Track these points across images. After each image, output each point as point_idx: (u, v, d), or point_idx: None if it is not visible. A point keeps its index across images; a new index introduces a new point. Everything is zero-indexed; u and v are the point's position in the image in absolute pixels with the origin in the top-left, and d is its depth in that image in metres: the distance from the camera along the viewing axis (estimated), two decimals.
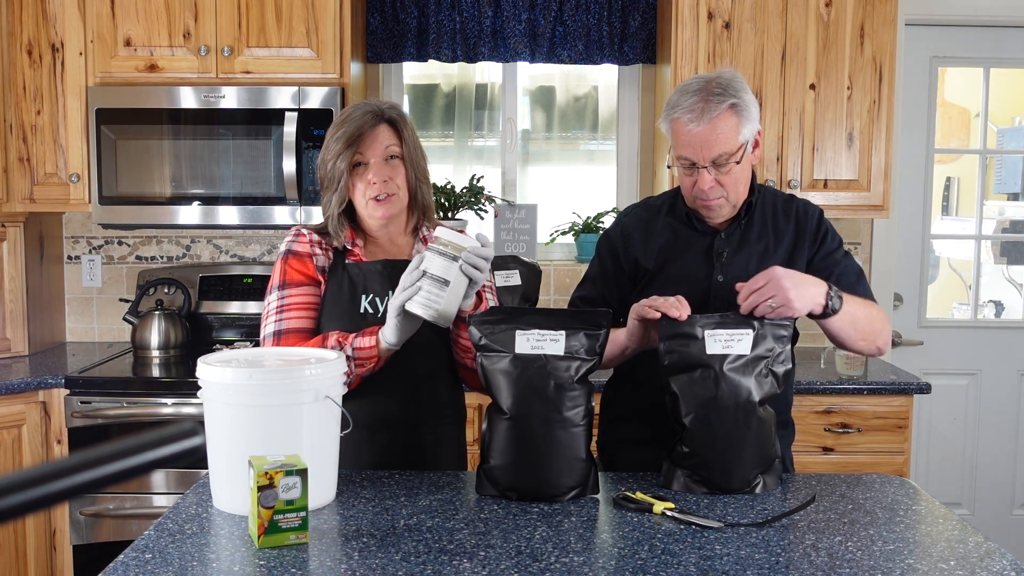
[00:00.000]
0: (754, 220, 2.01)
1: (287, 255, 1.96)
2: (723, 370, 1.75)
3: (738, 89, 1.88)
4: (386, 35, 3.61)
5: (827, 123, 3.26)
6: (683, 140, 1.88)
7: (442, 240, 1.77)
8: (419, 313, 1.76)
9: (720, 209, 1.95)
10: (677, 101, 1.89)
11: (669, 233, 2.03)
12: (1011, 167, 4.06)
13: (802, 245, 2.00)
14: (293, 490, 1.48)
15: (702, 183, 1.88)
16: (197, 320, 3.51)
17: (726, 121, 1.86)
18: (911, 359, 3.81)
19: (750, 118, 1.89)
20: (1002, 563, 1.46)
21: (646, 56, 3.62)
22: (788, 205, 2.05)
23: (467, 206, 3.50)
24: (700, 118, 1.85)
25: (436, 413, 1.99)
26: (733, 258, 1.99)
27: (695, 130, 1.85)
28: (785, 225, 2.02)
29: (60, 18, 3.24)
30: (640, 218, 2.09)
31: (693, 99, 1.86)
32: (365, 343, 1.82)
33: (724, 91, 1.86)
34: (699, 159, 1.87)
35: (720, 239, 2.00)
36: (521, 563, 1.42)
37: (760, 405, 1.77)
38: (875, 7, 3.23)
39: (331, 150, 1.92)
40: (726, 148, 1.86)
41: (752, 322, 1.77)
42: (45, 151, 3.28)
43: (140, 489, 2.99)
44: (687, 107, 1.86)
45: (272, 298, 1.95)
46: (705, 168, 1.87)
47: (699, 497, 1.75)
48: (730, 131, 1.86)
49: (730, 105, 1.86)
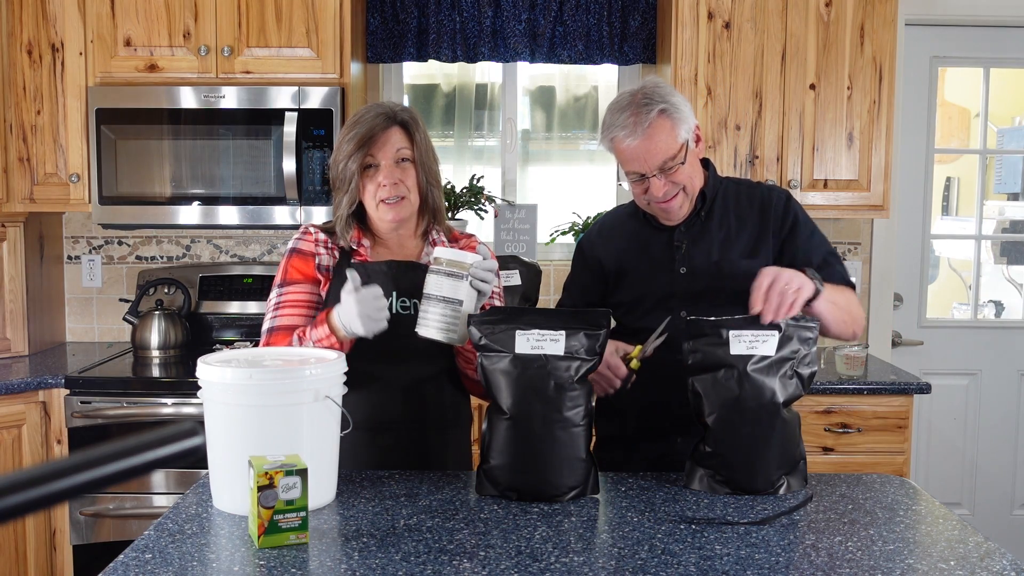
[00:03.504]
0: (714, 210, 2.04)
1: (291, 253, 1.97)
2: (747, 371, 1.75)
3: (664, 94, 1.92)
4: (386, 35, 3.61)
5: (827, 123, 3.26)
6: (626, 156, 1.93)
7: (444, 260, 1.77)
8: (439, 338, 1.76)
9: (680, 209, 1.99)
10: (611, 120, 1.94)
11: (630, 234, 2.10)
12: (1011, 167, 4.06)
13: (767, 229, 2.02)
14: (293, 490, 1.48)
15: (655, 191, 1.93)
16: (197, 320, 3.51)
17: (661, 128, 1.90)
18: (911, 359, 3.81)
19: (683, 118, 1.92)
20: (1002, 563, 1.46)
21: (646, 56, 3.62)
22: (752, 191, 2.07)
23: (467, 206, 3.50)
24: (635, 131, 1.89)
25: (440, 416, 1.99)
26: (693, 248, 2.02)
27: (633, 144, 1.90)
28: (748, 211, 2.04)
29: (60, 18, 3.24)
30: (604, 224, 2.18)
31: (624, 115, 1.91)
32: (319, 334, 1.82)
33: (651, 100, 1.90)
34: (646, 170, 1.92)
35: (679, 232, 2.03)
36: (521, 563, 1.42)
37: (785, 406, 1.77)
38: (875, 7, 3.23)
39: (343, 151, 1.92)
40: (668, 153, 1.91)
41: (779, 323, 1.76)
42: (45, 151, 3.28)
43: (140, 489, 2.99)
44: (621, 124, 1.91)
45: (272, 295, 1.97)
46: (654, 176, 1.92)
47: (699, 496, 1.75)
48: (667, 136, 1.90)
49: (660, 111, 1.90)
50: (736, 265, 1.99)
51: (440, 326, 1.76)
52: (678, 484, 1.83)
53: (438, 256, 1.78)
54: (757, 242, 2.01)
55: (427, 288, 1.79)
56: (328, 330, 1.81)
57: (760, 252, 2.01)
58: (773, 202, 2.04)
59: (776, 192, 2.06)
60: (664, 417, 2.04)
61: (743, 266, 1.98)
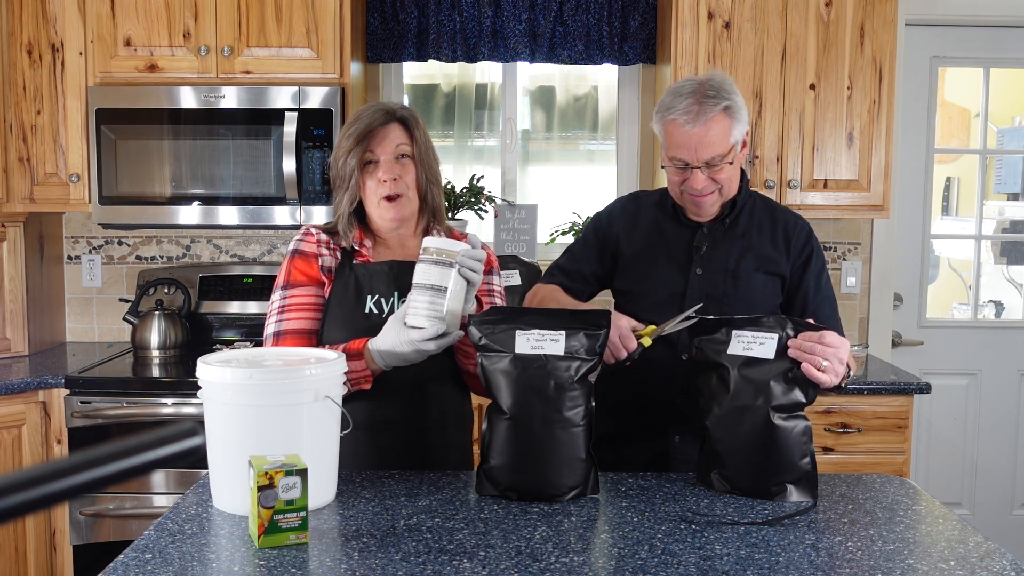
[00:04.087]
0: (739, 219, 2.05)
1: (293, 255, 1.96)
2: (737, 372, 1.74)
3: (730, 92, 1.93)
4: (386, 35, 3.61)
5: (827, 123, 3.26)
6: (677, 141, 1.92)
7: (432, 249, 1.76)
8: (426, 326, 1.73)
9: (711, 206, 1.99)
10: (671, 103, 1.93)
11: (653, 224, 2.09)
12: (1011, 167, 4.06)
13: (784, 255, 2.03)
14: (293, 490, 1.48)
15: (695, 183, 1.93)
16: (197, 320, 3.51)
17: (720, 123, 1.90)
18: (911, 359, 3.81)
19: (741, 120, 1.94)
20: (1002, 563, 1.46)
21: (646, 56, 3.62)
22: (778, 212, 2.09)
23: (467, 206, 3.50)
24: (695, 120, 1.89)
25: (441, 417, 1.98)
26: (712, 251, 2.03)
27: (690, 131, 1.90)
28: (771, 230, 2.05)
29: (60, 18, 3.24)
30: (628, 207, 2.17)
31: (688, 101, 1.90)
32: (356, 366, 1.81)
33: (718, 94, 1.91)
34: (693, 160, 1.92)
35: (702, 233, 2.04)
36: (521, 563, 1.42)
37: (783, 411, 1.72)
38: (875, 7, 3.23)
39: (342, 147, 1.92)
40: (719, 150, 1.91)
41: (780, 330, 1.73)
42: (45, 151, 3.28)
43: (140, 489, 2.99)
44: (682, 109, 1.90)
45: (275, 298, 1.95)
46: (699, 168, 1.92)
47: (699, 496, 1.75)
48: (723, 133, 1.91)
49: (724, 108, 1.90)
50: (751, 277, 2.00)
51: (428, 314, 1.74)
52: (678, 484, 1.83)
53: (427, 246, 1.77)
54: (774, 262, 2.02)
55: (416, 278, 1.77)
56: (364, 363, 1.81)
57: (775, 272, 2.02)
58: (797, 230, 2.06)
59: (801, 222, 2.08)
60: (664, 415, 2.04)
61: (757, 279, 2.00)
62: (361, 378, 1.83)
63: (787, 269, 2.03)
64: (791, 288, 2.04)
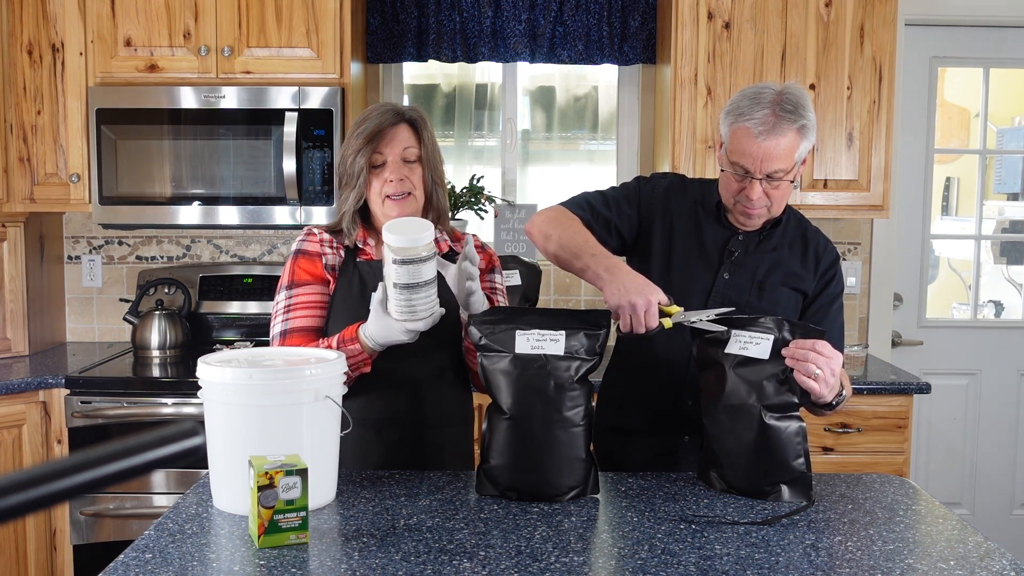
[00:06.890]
0: (774, 233, 2.03)
1: (297, 255, 1.97)
2: (731, 371, 1.75)
3: (807, 109, 1.88)
4: (386, 35, 3.61)
5: (827, 123, 3.26)
6: (743, 149, 1.87)
7: (394, 248, 1.72)
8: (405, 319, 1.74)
9: (759, 219, 1.97)
10: (746, 109, 1.87)
11: (691, 218, 2.04)
12: (1011, 167, 4.06)
13: (812, 273, 2.02)
14: (293, 490, 1.48)
15: (752, 193, 1.89)
16: (197, 320, 3.51)
17: (791, 140, 1.86)
18: (911, 359, 3.81)
19: (810, 139, 1.90)
20: (1002, 563, 1.46)
21: (646, 56, 3.62)
22: (811, 233, 2.07)
23: (467, 206, 3.50)
24: (768, 133, 1.85)
25: (440, 415, 1.99)
26: (744, 259, 2.00)
27: (761, 143, 1.85)
28: (803, 249, 2.04)
29: (60, 18, 3.24)
30: (674, 193, 2.08)
31: (765, 112, 1.85)
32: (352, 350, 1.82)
33: (795, 110, 1.86)
34: (756, 170, 1.88)
35: (736, 239, 2.01)
36: (521, 563, 1.42)
37: (775, 411, 1.72)
38: (875, 7, 3.23)
39: (351, 147, 1.93)
40: (783, 165, 1.88)
41: (776, 331, 1.74)
42: (45, 151, 3.28)
43: (140, 489, 2.99)
44: (759, 119, 1.85)
45: (280, 298, 1.96)
46: (759, 180, 1.88)
47: (699, 496, 1.75)
48: (791, 149, 1.87)
49: (800, 127, 1.86)
50: (776, 290, 2.00)
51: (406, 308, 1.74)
52: (678, 484, 1.83)
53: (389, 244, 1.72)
54: (801, 278, 2.02)
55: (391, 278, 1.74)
56: (359, 347, 1.82)
57: (800, 288, 2.01)
58: (827, 253, 2.05)
59: (832, 247, 2.07)
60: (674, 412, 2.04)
61: (783, 293, 1.99)
62: (360, 362, 1.84)
63: (811, 287, 2.02)
64: (805, 305, 2.03)
